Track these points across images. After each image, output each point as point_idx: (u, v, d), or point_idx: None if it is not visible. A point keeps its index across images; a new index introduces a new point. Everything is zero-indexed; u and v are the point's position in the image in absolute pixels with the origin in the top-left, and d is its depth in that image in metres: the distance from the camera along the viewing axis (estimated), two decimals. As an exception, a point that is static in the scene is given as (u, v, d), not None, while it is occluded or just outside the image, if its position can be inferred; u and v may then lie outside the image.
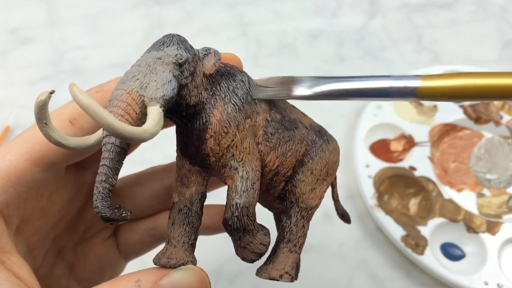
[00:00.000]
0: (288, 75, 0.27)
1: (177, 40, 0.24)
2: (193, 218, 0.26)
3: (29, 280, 0.24)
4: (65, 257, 0.31)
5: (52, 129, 0.22)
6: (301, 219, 0.28)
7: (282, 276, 0.27)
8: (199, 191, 0.26)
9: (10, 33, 0.66)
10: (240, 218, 0.24)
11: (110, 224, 0.22)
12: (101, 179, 0.22)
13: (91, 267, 0.33)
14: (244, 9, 0.70)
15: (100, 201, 0.21)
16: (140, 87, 0.22)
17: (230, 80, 0.25)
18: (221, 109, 0.24)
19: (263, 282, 0.45)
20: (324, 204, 0.51)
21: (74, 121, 0.25)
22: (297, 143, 0.27)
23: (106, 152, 0.22)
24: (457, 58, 0.64)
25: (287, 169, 0.27)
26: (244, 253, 0.25)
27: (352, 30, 0.67)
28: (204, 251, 0.47)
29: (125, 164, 0.35)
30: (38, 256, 0.29)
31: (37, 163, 0.25)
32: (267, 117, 0.26)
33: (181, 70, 0.23)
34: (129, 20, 0.68)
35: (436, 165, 0.51)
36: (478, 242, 0.46)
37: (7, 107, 0.57)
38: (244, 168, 0.25)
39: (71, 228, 0.31)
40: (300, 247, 0.28)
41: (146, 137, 0.21)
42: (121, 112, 0.22)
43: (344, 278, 0.45)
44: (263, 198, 0.29)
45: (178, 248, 0.25)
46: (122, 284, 0.23)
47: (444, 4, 0.71)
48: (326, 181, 0.29)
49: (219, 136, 0.24)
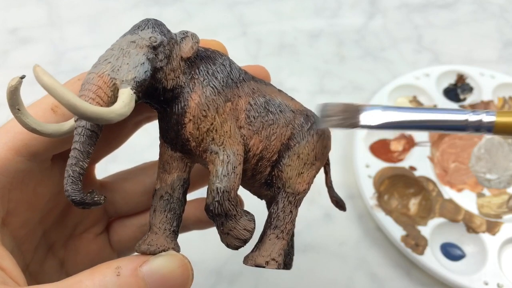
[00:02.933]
0: (353, 102, 0.26)
1: (152, 24, 0.24)
2: (175, 205, 0.25)
3: (13, 272, 0.24)
4: (56, 253, 0.31)
5: (25, 115, 0.22)
6: (289, 204, 0.27)
7: (268, 263, 0.26)
8: (181, 177, 0.26)
9: (10, 33, 0.66)
10: (221, 203, 0.23)
11: (82, 208, 0.22)
12: (71, 162, 0.22)
13: (83, 263, 0.32)
14: (244, 9, 0.70)
15: (70, 185, 0.21)
16: (112, 70, 0.22)
17: (210, 64, 0.25)
18: (200, 93, 0.24)
19: (263, 282, 0.45)
20: (324, 204, 0.51)
21: (56, 108, 0.25)
22: (282, 127, 0.27)
23: (77, 135, 0.22)
24: (457, 58, 0.64)
25: (272, 153, 0.27)
26: (228, 239, 0.25)
27: (352, 30, 0.67)
28: (204, 251, 0.47)
29: (124, 163, 0.35)
30: (28, 251, 0.28)
31: (20, 152, 0.25)
32: (249, 100, 0.26)
33: (155, 53, 0.23)
34: (129, 20, 0.68)
35: (436, 165, 0.51)
36: (478, 242, 0.46)
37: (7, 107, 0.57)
38: (225, 152, 0.24)
39: (61, 223, 0.31)
40: (288, 233, 0.27)
41: (113, 118, 0.21)
42: (92, 95, 0.22)
43: (344, 278, 0.45)
44: (250, 185, 0.29)
45: (159, 235, 0.25)
46: (101, 272, 0.22)
47: (444, 4, 0.71)
48: (315, 165, 0.28)
49: (198, 120, 0.24)
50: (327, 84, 0.61)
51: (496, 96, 0.57)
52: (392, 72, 0.61)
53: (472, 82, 0.59)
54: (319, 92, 0.60)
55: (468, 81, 0.59)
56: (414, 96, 0.58)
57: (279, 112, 0.27)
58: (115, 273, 0.22)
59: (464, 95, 0.58)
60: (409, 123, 0.24)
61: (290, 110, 0.28)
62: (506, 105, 0.56)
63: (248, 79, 0.27)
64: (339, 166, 0.52)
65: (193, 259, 0.25)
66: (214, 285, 0.44)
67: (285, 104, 0.28)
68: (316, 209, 0.49)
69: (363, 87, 0.60)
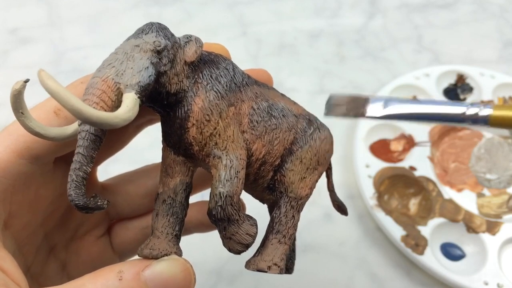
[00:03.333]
0: (359, 93, 0.26)
1: (156, 28, 0.24)
2: (177, 209, 0.25)
3: (15, 275, 0.23)
4: (58, 255, 0.31)
5: (29, 118, 0.22)
6: (291, 209, 0.27)
7: (270, 267, 0.26)
8: (184, 182, 0.26)
9: (10, 33, 0.66)
10: (224, 207, 0.23)
11: (85, 212, 0.22)
12: (75, 167, 0.21)
13: (85, 266, 0.32)
14: (244, 9, 0.70)
15: (74, 189, 0.21)
16: (116, 74, 0.22)
17: (213, 68, 0.25)
18: (203, 97, 0.24)
19: (263, 282, 0.45)
20: (324, 204, 0.51)
21: (58, 111, 0.25)
22: (285, 131, 0.27)
23: (80, 140, 0.22)
24: (457, 58, 0.64)
25: (275, 158, 0.27)
26: (230, 244, 0.25)
27: (352, 30, 0.67)
28: (204, 251, 0.47)
29: (125, 164, 0.35)
30: (29, 253, 0.28)
31: (22, 155, 0.25)
32: (253, 105, 0.26)
33: (159, 57, 0.23)
34: (129, 20, 0.68)
35: (436, 165, 0.51)
36: (478, 242, 0.46)
37: (7, 107, 0.57)
38: (228, 157, 0.24)
39: (62, 225, 0.31)
40: (290, 238, 0.27)
41: (117, 123, 0.21)
42: (96, 100, 0.21)
43: (344, 278, 0.45)
44: (252, 189, 0.28)
45: (161, 239, 0.25)
46: (104, 276, 0.22)
47: (444, 4, 0.71)
48: (317, 170, 0.28)
49: (201, 125, 0.24)
50: (327, 84, 0.61)
51: (496, 96, 0.57)
52: (392, 72, 0.62)
53: (472, 82, 0.59)
54: (319, 92, 0.60)
55: (468, 81, 0.59)
56: (414, 96, 0.58)
57: (282, 116, 0.27)
58: (117, 277, 0.22)
59: (464, 95, 0.58)
60: (410, 115, 0.25)
61: (293, 114, 0.28)
62: (506, 105, 0.56)
63: (251, 83, 0.27)
64: (339, 166, 0.52)
65: (193, 259, 0.25)
66: (214, 285, 0.45)
67: (288, 108, 0.27)
68: (316, 209, 0.49)
69: (363, 87, 0.60)
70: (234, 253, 0.25)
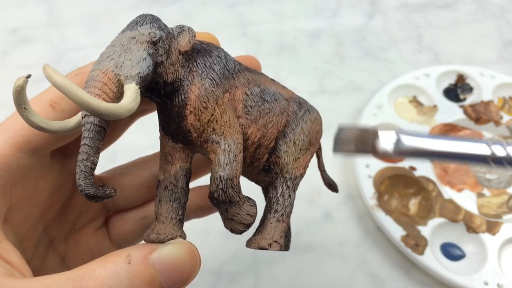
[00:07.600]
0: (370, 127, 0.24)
1: (150, 19, 0.25)
2: (179, 194, 0.26)
3: (20, 266, 0.24)
4: (57, 248, 0.31)
5: (32, 113, 0.22)
6: (287, 189, 0.28)
7: (271, 245, 0.27)
8: (184, 168, 0.27)
9: (10, 33, 0.66)
10: (225, 190, 0.24)
11: (95, 201, 0.22)
12: (82, 157, 0.22)
13: (83, 258, 0.33)
14: (244, 9, 0.70)
15: (83, 179, 0.22)
16: (116, 66, 0.22)
17: (207, 56, 0.26)
18: (199, 85, 0.25)
19: (263, 281, 0.45)
20: (324, 204, 0.51)
21: (54, 104, 0.26)
22: (278, 115, 0.28)
23: (86, 131, 0.22)
24: (457, 58, 0.64)
25: (269, 140, 0.28)
26: (232, 225, 0.26)
27: (352, 30, 0.67)
28: (204, 251, 0.46)
29: (125, 161, 0.35)
30: (29, 247, 0.29)
31: (21, 148, 0.25)
32: (245, 90, 0.27)
33: (155, 48, 0.24)
34: (129, 20, 0.68)
35: (436, 165, 0.51)
36: (478, 242, 0.46)
37: (7, 107, 0.57)
38: (226, 141, 0.25)
39: (61, 218, 0.31)
40: (287, 216, 0.28)
41: (122, 113, 0.21)
42: (98, 92, 0.22)
43: (344, 278, 0.45)
44: (248, 172, 0.30)
45: (166, 224, 0.25)
46: (113, 260, 0.23)
47: (444, 4, 0.71)
48: (310, 150, 0.30)
49: (199, 112, 0.25)
50: (327, 84, 0.61)
51: (496, 96, 0.57)
52: (392, 72, 0.62)
53: (472, 82, 0.59)
54: (319, 92, 0.60)
55: (468, 81, 0.59)
56: (414, 96, 0.58)
57: (274, 100, 0.28)
58: (126, 261, 0.23)
59: (464, 95, 0.58)
60: (426, 152, 0.22)
61: (284, 98, 0.29)
62: (506, 105, 0.56)
63: (243, 70, 0.28)
64: (339, 166, 0.52)
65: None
66: (214, 285, 0.44)
67: (279, 92, 0.29)
68: (316, 209, 0.49)
69: (363, 87, 0.60)
70: (235, 233, 0.26)
